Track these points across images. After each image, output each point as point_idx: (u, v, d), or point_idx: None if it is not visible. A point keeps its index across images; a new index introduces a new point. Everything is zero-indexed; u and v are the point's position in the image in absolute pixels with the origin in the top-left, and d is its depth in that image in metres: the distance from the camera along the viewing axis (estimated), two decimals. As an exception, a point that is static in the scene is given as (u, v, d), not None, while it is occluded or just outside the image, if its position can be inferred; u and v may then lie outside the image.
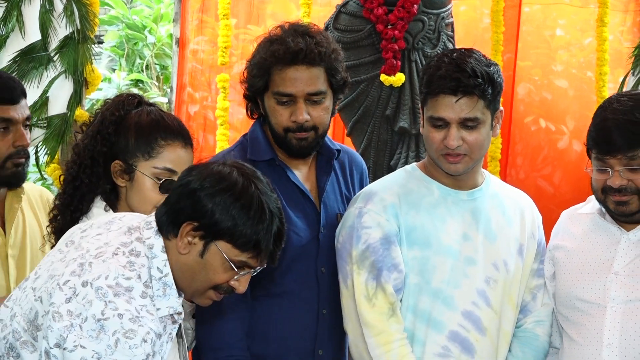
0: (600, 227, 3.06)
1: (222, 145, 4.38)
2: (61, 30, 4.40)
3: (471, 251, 3.00)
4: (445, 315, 2.97)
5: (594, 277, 2.99)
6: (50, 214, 2.75)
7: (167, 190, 2.67)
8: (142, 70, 8.17)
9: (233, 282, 2.33)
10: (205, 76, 4.73)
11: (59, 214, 2.68)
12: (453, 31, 4.28)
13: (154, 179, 2.66)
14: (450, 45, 4.23)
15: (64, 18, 4.38)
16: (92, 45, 4.51)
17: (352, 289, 2.99)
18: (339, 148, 3.24)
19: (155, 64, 8.21)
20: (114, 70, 8.20)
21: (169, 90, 5.13)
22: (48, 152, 4.19)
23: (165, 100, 5.37)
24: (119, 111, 2.69)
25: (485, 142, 2.98)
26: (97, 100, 6.88)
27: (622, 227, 3.01)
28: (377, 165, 4.16)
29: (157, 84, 8.08)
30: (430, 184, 3.05)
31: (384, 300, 2.95)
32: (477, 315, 2.98)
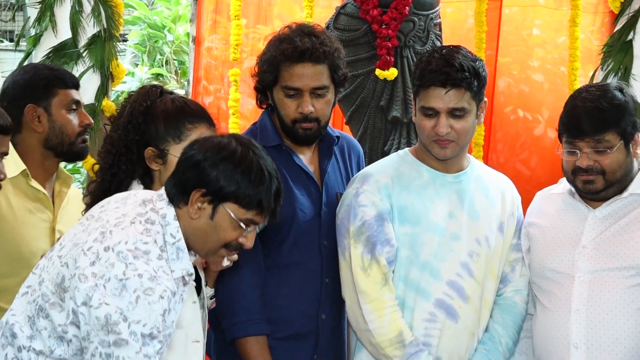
0: (570, 205, 3.06)
1: (234, 132, 4.37)
2: (89, 29, 4.40)
3: (456, 228, 3.00)
4: (432, 285, 2.97)
5: (564, 250, 3.00)
6: (87, 199, 2.75)
7: None
8: (162, 65, 8.17)
9: (241, 239, 2.35)
10: (218, 70, 4.72)
11: (96, 200, 2.66)
12: (440, 30, 4.27)
13: None
14: (438, 43, 4.22)
15: (92, 18, 4.38)
16: (117, 43, 4.52)
17: (350, 260, 3.00)
18: (338, 135, 3.26)
19: (174, 59, 8.21)
20: (136, 65, 8.20)
21: (186, 83, 5.12)
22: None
23: (182, 92, 5.36)
24: (145, 102, 2.69)
25: (471, 129, 2.99)
26: (122, 92, 6.88)
27: (589, 205, 3.01)
28: (372, 151, 4.15)
29: (176, 78, 8.07)
30: (420, 167, 3.05)
31: (377, 271, 2.95)
32: (461, 285, 2.99)
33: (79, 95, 3.22)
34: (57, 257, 2.33)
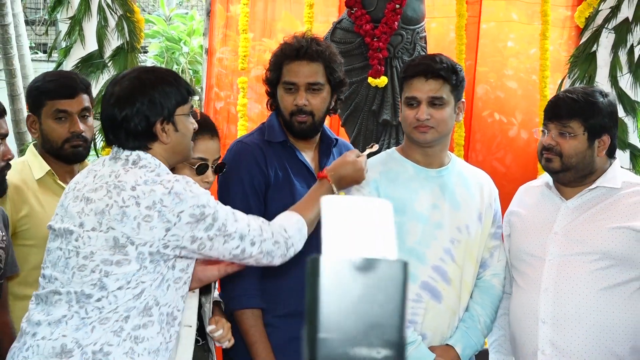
0: (546, 196, 3.08)
1: (242, 134, 4.37)
2: (114, 42, 4.41)
3: (439, 217, 3.01)
4: (418, 269, 2.97)
5: (538, 236, 3.01)
6: None
7: (202, 172, 2.69)
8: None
9: (192, 121, 2.47)
10: (228, 79, 4.73)
11: None
12: (426, 43, 4.27)
13: (190, 166, 2.68)
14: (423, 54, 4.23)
15: (116, 32, 4.39)
16: (139, 54, 4.52)
17: None
18: (337, 138, 3.28)
19: (189, 69, 8.21)
20: (156, 74, 8.18)
21: (199, 90, 5.12)
22: (103, 138, 4.19)
23: (197, 98, 5.36)
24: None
25: (449, 120, 2.98)
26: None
27: (563, 197, 3.03)
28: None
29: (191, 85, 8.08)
30: (405, 163, 3.06)
31: None
32: (444, 269, 2.99)
33: (73, 104, 3.11)
34: (87, 237, 2.28)
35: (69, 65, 4.39)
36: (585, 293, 2.88)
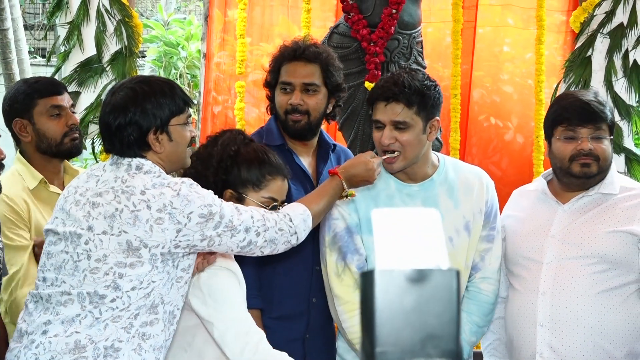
0: (542, 200, 3.07)
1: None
2: (112, 46, 4.41)
3: None
4: None
5: (534, 239, 3.00)
6: None
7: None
8: (177, 79, 8.17)
9: (190, 130, 2.49)
10: (226, 83, 4.73)
11: None
12: (422, 48, 4.27)
13: (261, 205, 2.65)
14: (420, 59, 4.23)
15: (115, 37, 4.39)
16: (137, 59, 4.53)
17: (326, 267, 2.99)
18: (335, 144, 3.30)
19: (187, 73, 8.21)
20: (154, 79, 8.18)
21: (197, 94, 5.12)
22: (101, 143, 4.19)
23: (195, 102, 5.37)
24: (234, 146, 2.69)
25: (416, 142, 2.88)
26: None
27: (559, 201, 3.02)
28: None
29: (189, 90, 8.08)
30: (388, 179, 3.00)
31: (350, 276, 2.93)
32: None
33: (64, 99, 3.16)
34: (99, 240, 2.30)
35: (67, 70, 4.40)
36: (583, 296, 2.88)
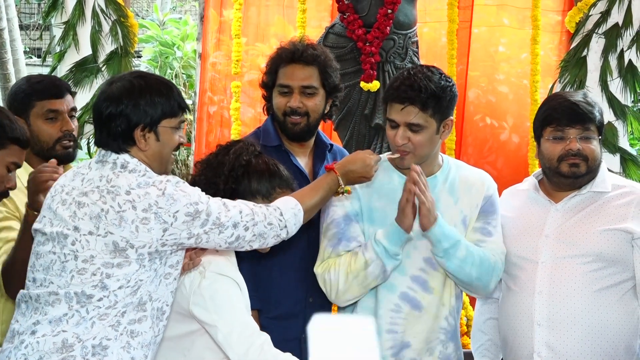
0: (534, 200, 3.06)
1: (235, 137, 4.36)
2: (108, 46, 4.41)
3: (420, 227, 2.90)
4: (397, 279, 2.92)
5: (528, 239, 3.00)
6: None
7: None
8: (172, 79, 8.15)
9: (180, 135, 2.46)
10: (221, 83, 4.72)
11: None
12: (418, 48, 4.27)
13: None
14: (415, 59, 4.23)
15: (110, 37, 4.39)
16: (132, 59, 4.52)
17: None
18: (332, 143, 3.29)
19: (183, 73, 8.19)
20: (149, 79, 8.15)
21: (193, 94, 5.12)
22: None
23: (190, 102, 5.35)
24: (246, 157, 2.68)
25: (428, 143, 2.88)
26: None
27: (551, 200, 3.01)
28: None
29: (184, 90, 8.06)
30: (392, 173, 3.00)
31: (333, 260, 2.93)
32: (424, 279, 2.94)
33: (63, 103, 3.08)
34: (85, 241, 2.28)
35: (63, 70, 4.38)
36: (580, 295, 2.88)
